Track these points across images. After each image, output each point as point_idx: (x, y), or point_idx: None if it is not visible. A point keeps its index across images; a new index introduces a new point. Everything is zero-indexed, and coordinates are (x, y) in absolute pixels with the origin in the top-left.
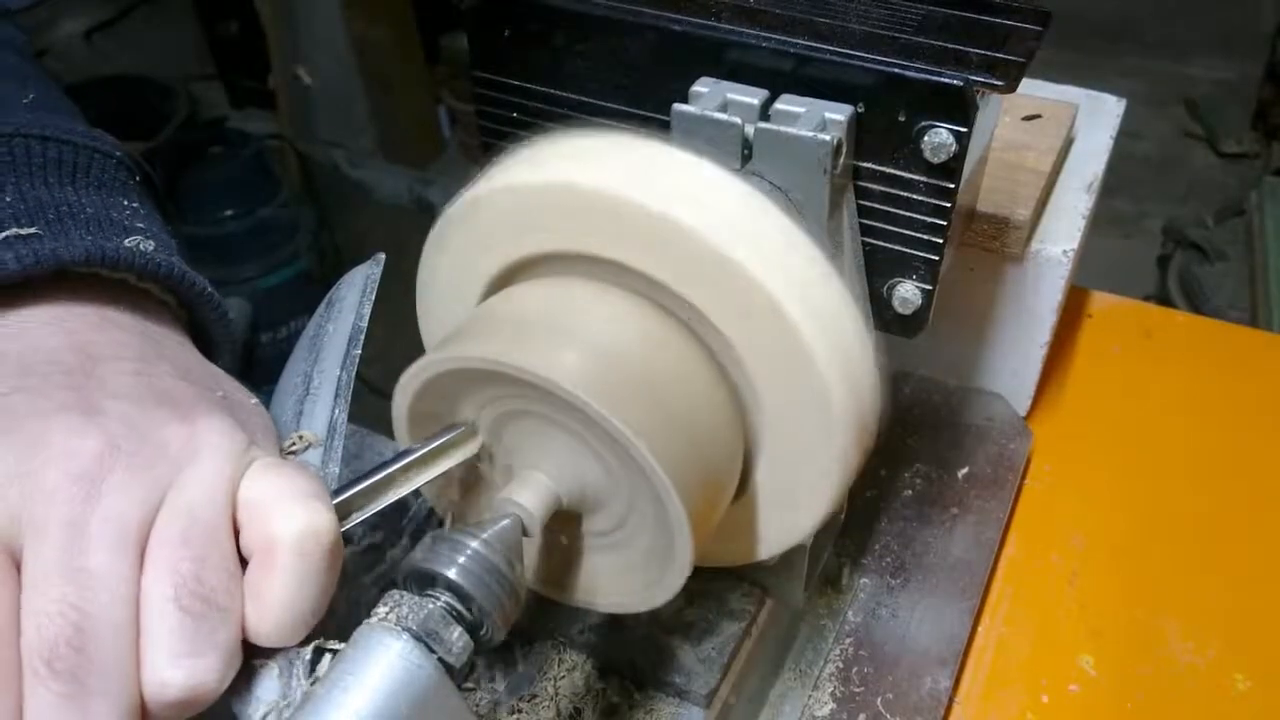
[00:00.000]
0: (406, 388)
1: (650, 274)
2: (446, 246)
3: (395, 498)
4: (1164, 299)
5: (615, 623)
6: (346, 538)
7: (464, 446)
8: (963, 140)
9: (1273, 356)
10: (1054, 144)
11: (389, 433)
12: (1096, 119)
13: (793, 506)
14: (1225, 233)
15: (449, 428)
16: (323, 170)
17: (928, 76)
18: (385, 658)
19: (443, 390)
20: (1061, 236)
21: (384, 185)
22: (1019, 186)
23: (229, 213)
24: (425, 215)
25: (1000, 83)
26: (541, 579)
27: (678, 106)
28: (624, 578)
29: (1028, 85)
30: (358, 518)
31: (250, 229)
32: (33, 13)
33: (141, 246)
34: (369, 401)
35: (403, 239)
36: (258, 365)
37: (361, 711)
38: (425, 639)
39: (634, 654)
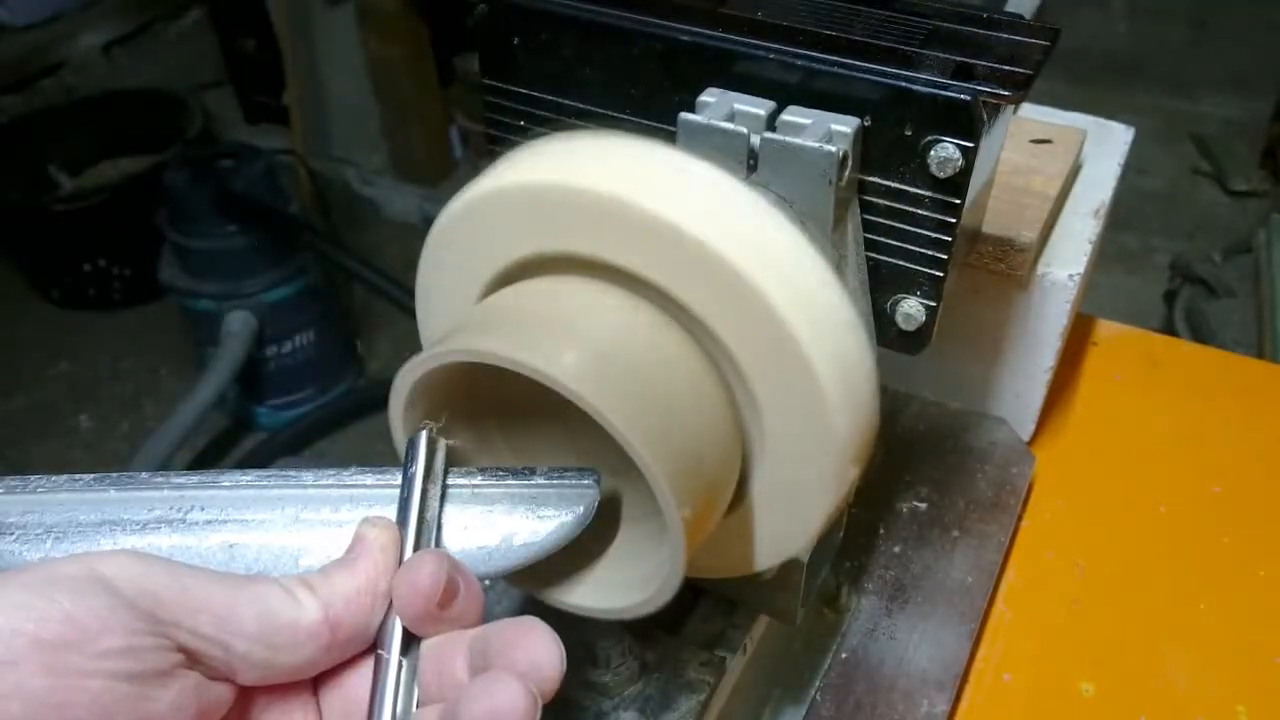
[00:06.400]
0: (400, 388)
1: (650, 279)
2: (445, 247)
3: None
4: (1170, 334)
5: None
6: None
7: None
8: (969, 155)
9: (1279, 388)
10: (1062, 169)
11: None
12: (1105, 146)
13: (789, 518)
14: (1233, 269)
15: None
16: (333, 186)
17: (935, 91)
18: None
19: (441, 392)
20: (1068, 261)
21: (394, 203)
22: (1025, 209)
23: (237, 226)
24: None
25: (1007, 93)
26: (528, 574)
27: (684, 116)
28: (614, 574)
29: (1036, 110)
30: None
31: (258, 243)
32: (51, 27)
33: None
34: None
35: (411, 256)
36: (262, 380)
37: None
38: None
39: None
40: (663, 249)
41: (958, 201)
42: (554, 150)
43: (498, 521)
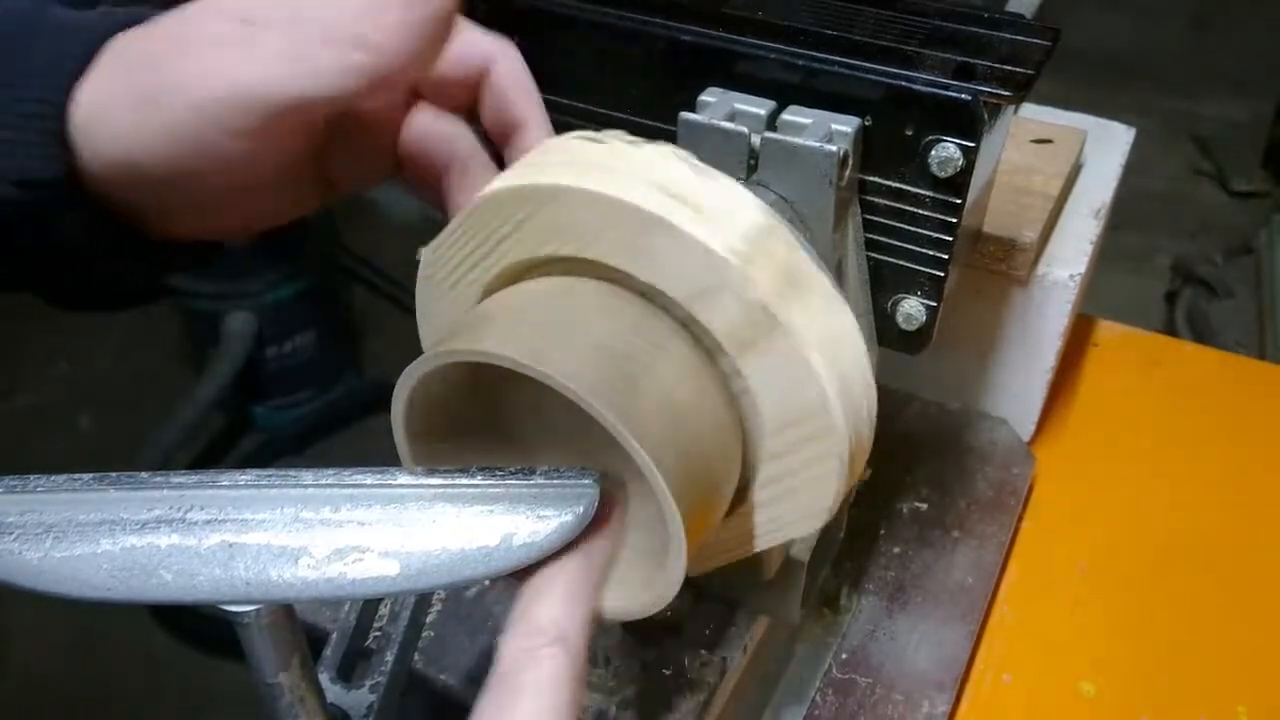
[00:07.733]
0: (403, 388)
1: (650, 281)
2: (445, 248)
3: None
4: (1171, 334)
5: None
6: None
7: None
8: (970, 155)
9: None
10: (1062, 169)
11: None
12: (1106, 146)
13: (787, 517)
14: (1234, 270)
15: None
16: None
17: (936, 90)
18: None
19: (443, 393)
20: (1068, 261)
21: (395, 203)
22: (1026, 209)
23: None
24: (435, 233)
25: (1008, 93)
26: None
27: (684, 115)
28: (615, 576)
29: (1037, 110)
30: None
31: (258, 243)
32: None
33: None
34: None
35: (411, 256)
36: (262, 380)
37: None
38: None
39: None
40: (659, 251)
41: (959, 201)
42: (551, 152)
43: (498, 521)
